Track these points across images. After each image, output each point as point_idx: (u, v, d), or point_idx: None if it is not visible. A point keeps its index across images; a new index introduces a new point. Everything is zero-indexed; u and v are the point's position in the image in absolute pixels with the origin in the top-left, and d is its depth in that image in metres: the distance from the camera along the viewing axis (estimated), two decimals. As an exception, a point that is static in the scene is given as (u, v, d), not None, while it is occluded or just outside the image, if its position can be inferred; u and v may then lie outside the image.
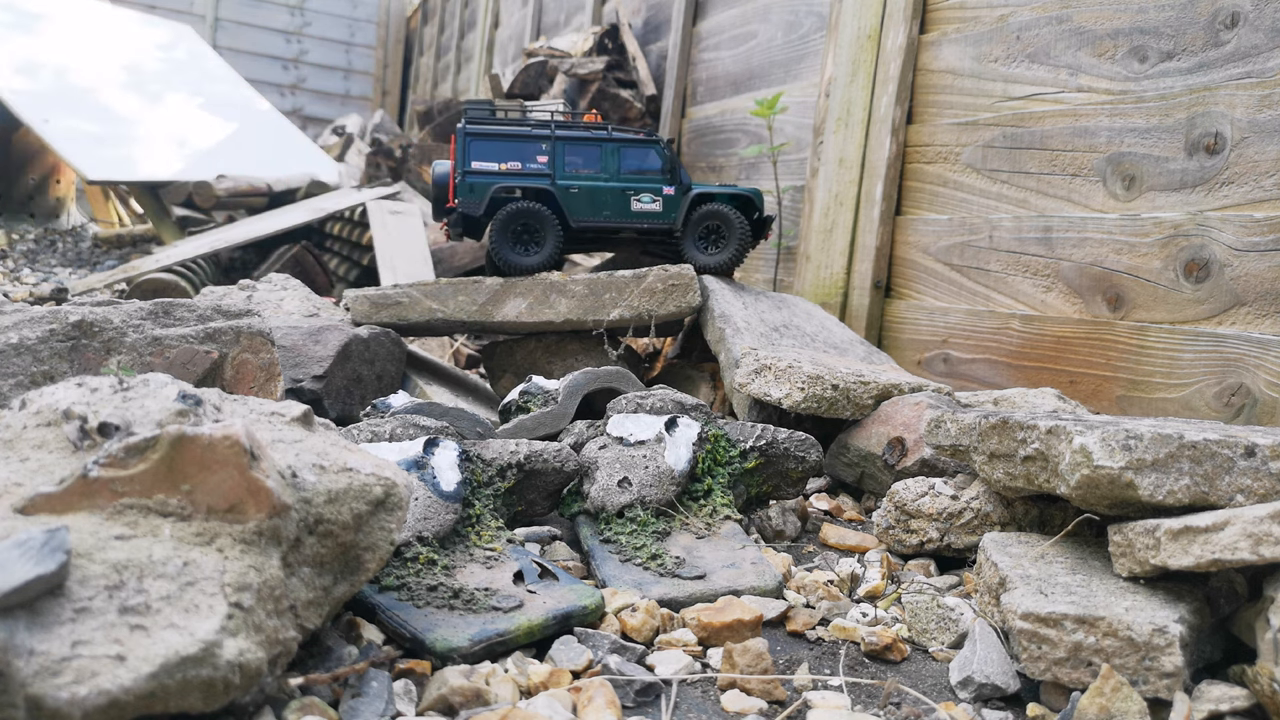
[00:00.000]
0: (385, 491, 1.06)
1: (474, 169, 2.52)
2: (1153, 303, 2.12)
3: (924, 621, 1.31)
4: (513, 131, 2.54)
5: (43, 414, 1.02)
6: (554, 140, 2.54)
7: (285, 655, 0.91)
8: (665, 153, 2.59)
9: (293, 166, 5.75)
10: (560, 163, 2.54)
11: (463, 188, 2.52)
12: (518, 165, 2.53)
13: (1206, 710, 1.02)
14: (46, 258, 4.92)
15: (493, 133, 2.53)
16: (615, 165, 2.56)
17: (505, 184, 2.51)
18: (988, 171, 2.58)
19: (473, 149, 2.53)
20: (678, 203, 2.59)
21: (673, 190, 2.59)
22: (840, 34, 3.10)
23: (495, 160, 2.53)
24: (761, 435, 1.70)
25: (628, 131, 2.60)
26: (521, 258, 2.52)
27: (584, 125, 2.59)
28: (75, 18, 6.08)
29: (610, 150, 2.55)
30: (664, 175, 2.59)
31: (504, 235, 2.51)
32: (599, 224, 2.56)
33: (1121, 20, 2.25)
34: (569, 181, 2.53)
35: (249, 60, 10.06)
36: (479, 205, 2.51)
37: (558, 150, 2.54)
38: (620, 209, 2.56)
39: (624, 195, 2.55)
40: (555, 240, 2.52)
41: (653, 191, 2.57)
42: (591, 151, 2.56)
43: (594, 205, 2.55)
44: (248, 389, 1.73)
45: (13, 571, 0.75)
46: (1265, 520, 1.04)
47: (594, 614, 1.23)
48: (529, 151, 2.54)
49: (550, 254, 2.52)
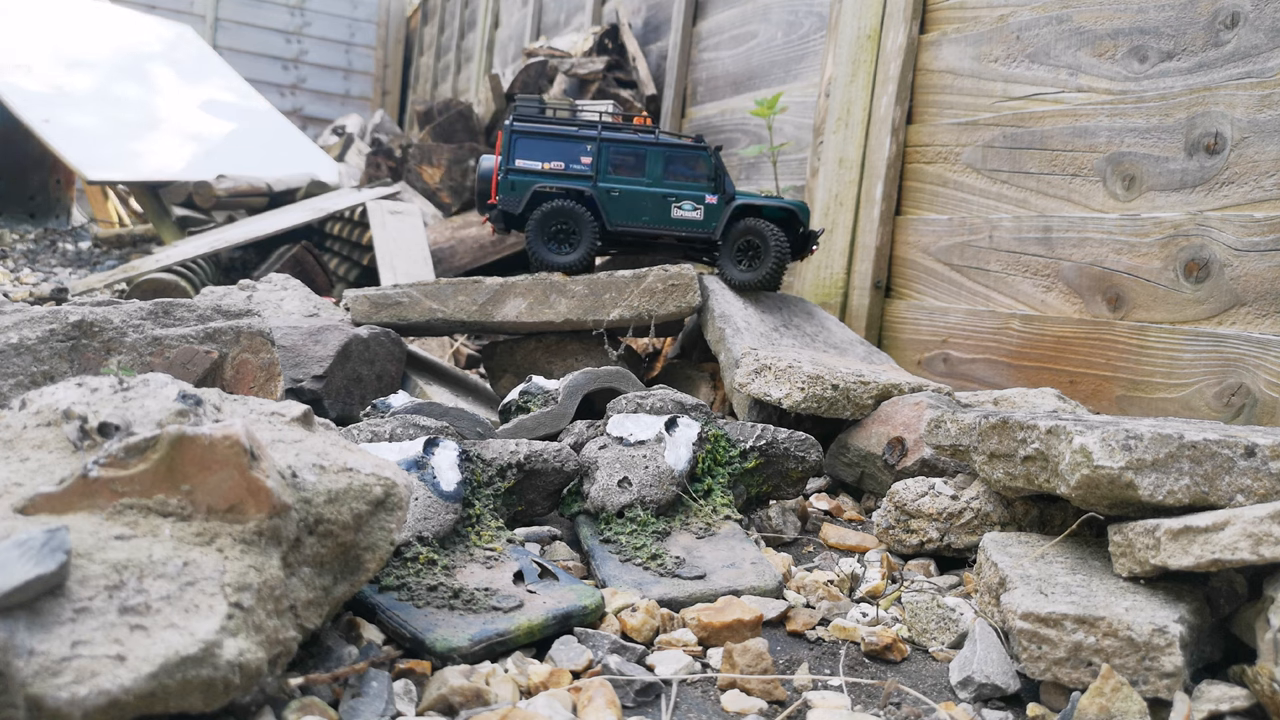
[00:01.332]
0: (385, 491, 1.06)
1: (517, 166, 2.52)
2: (1153, 303, 2.12)
3: (924, 621, 1.31)
4: (559, 131, 2.53)
5: (43, 414, 1.02)
6: (599, 141, 2.52)
7: (285, 655, 0.91)
8: (712, 160, 2.54)
9: (293, 166, 5.75)
10: (604, 165, 2.52)
11: (504, 185, 2.52)
12: (561, 165, 2.52)
13: (1206, 710, 1.02)
14: (46, 258, 4.92)
15: (539, 131, 2.52)
16: (659, 170, 2.53)
17: (545, 184, 2.50)
18: (988, 171, 2.58)
19: (518, 146, 2.52)
20: (719, 212, 2.54)
21: (715, 199, 2.54)
22: (840, 34, 3.10)
23: (539, 159, 2.52)
24: (761, 435, 1.70)
25: (676, 136, 2.57)
26: (556, 256, 2.51)
27: (632, 128, 2.57)
28: (75, 17, 6.08)
29: (656, 155, 2.52)
30: (708, 183, 2.54)
31: (540, 233, 2.51)
32: (637, 229, 2.54)
33: (1121, 20, 2.25)
34: (610, 184, 2.51)
35: (249, 60, 10.05)
36: (518, 203, 2.51)
37: (602, 152, 2.52)
38: (660, 215, 2.53)
39: (665, 201, 2.52)
40: (591, 240, 2.50)
41: (694, 199, 2.52)
42: (636, 155, 2.53)
43: (634, 210, 2.52)
44: (248, 389, 1.73)
45: (13, 571, 0.75)
46: (1265, 520, 1.04)
47: (594, 614, 1.23)
48: (574, 152, 2.52)
49: (585, 254, 2.51)
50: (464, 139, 4.77)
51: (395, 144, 5.12)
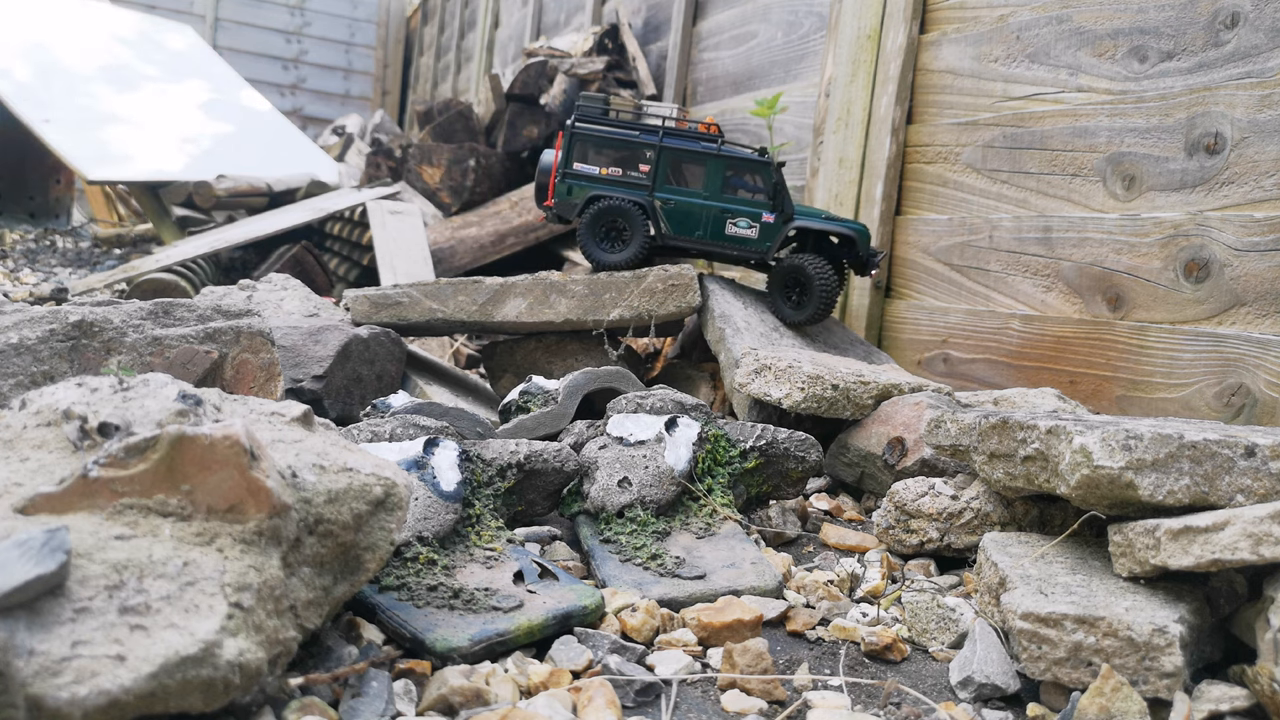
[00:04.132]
0: (385, 491, 1.06)
1: (574, 170, 2.47)
2: (1153, 303, 2.12)
3: (924, 621, 1.31)
4: (619, 136, 2.46)
5: (43, 414, 1.02)
6: (660, 149, 2.43)
7: (285, 655, 0.91)
8: (774, 176, 2.43)
9: (293, 166, 5.75)
10: (661, 174, 2.44)
11: (560, 188, 2.47)
12: (619, 172, 2.46)
13: (1206, 710, 1.02)
14: (46, 258, 4.92)
15: (599, 134, 2.46)
16: (718, 183, 2.43)
17: (600, 192, 2.45)
18: (988, 171, 2.58)
19: (577, 149, 2.47)
20: (775, 232, 2.44)
21: (773, 218, 2.43)
22: (840, 34, 3.10)
23: (597, 164, 2.47)
24: (761, 435, 1.70)
25: (739, 148, 2.47)
26: (607, 254, 2.47)
27: (695, 135, 2.47)
28: (75, 18, 6.08)
29: (715, 166, 2.43)
30: (767, 200, 2.44)
31: (593, 231, 2.46)
32: (690, 244, 2.48)
33: (1121, 20, 2.25)
34: (666, 195, 2.44)
35: (249, 60, 10.05)
36: (573, 208, 2.47)
37: (661, 160, 2.44)
38: (715, 231, 2.45)
39: (721, 217, 2.43)
40: (642, 240, 2.45)
41: (751, 217, 2.43)
42: (695, 165, 2.45)
43: (688, 223, 2.45)
44: (248, 389, 1.73)
45: (13, 571, 0.75)
46: (1265, 520, 1.04)
47: (594, 614, 1.23)
48: (633, 158, 2.46)
49: (636, 253, 2.45)
50: (464, 139, 4.77)
51: (395, 144, 5.12)
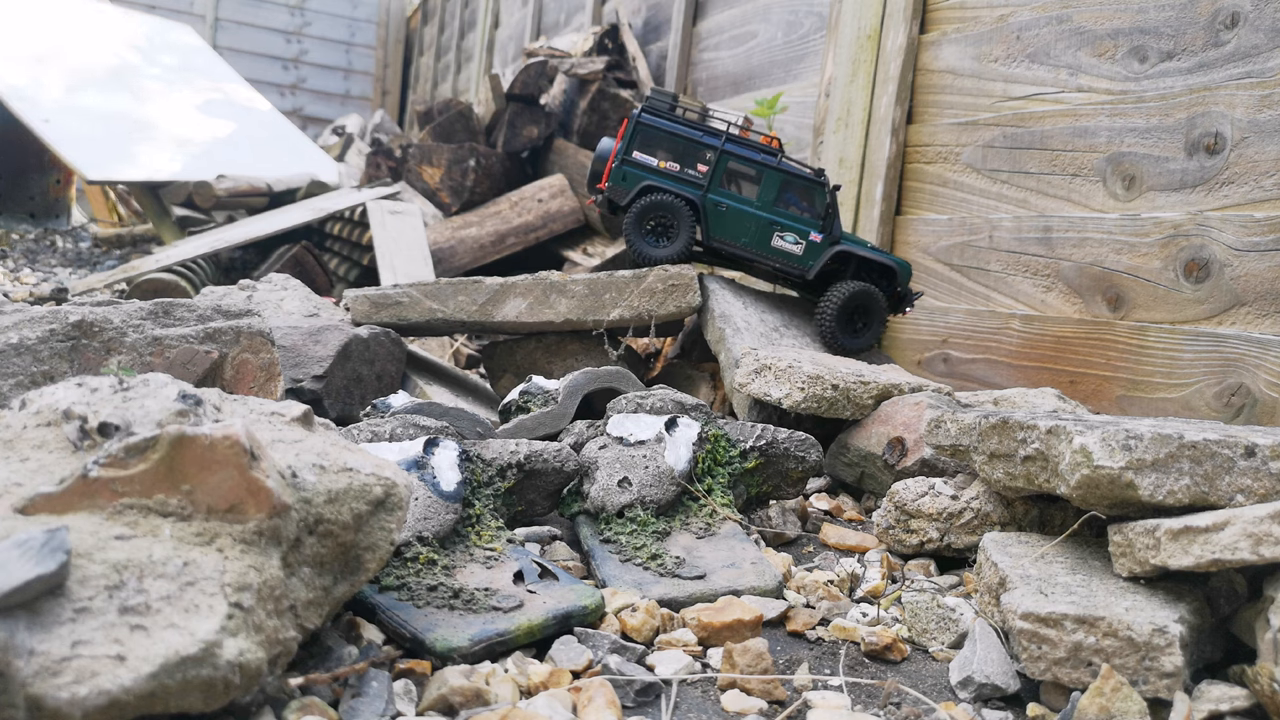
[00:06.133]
0: (385, 491, 1.06)
1: (634, 159, 2.49)
2: (1153, 303, 2.12)
3: (924, 621, 1.31)
4: (682, 132, 2.48)
5: (43, 414, 1.02)
6: (720, 152, 2.45)
7: (285, 655, 0.91)
8: (827, 198, 2.44)
9: (293, 166, 5.75)
10: (718, 176, 2.46)
11: (616, 173, 2.49)
12: (676, 167, 2.48)
13: (1206, 710, 1.02)
14: (46, 258, 4.92)
15: (663, 128, 2.48)
16: (772, 195, 2.45)
17: (655, 183, 2.47)
18: (988, 171, 2.58)
19: (639, 138, 2.49)
20: (819, 252, 2.45)
21: (820, 238, 2.44)
22: (840, 34, 3.10)
23: (657, 156, 2.49)
24: (761, 435, 1.70)
25: (796, 165, 2.48)
26: (653, 249, 2.48)
27: (758, 146, 2.49)
28: (75, 17, 6.08)
29: (772, 178, 2.44)
30: (817, 220, 2.46)
31: (639, 224, 2.48)
32: (733, 249, 2.49)
33: (1121, 20, 2.25)
34: (719, 198, 2.46)
35: (249, 60, 10.05)
36: (625, 195, 2.49)
37: (720, 163, 2.46)
38: (760, 240, 2.46)
39: (769, 228, 2.45)
40: (689, 238, 2.47)
41: (798, 233, 2.44)
42: (752, 174, 2.46)
43: (735, 229, 2.46)
44: (248, 389, 1.73)
45: (13, 571, 0.75)
46: (1265, 520, 1.04)
47: (594, 614, 1.23)
48: (692, 156, 2.48)
49: (680, 250, 2.47)
50: (464, 139, 4.77)
51: (395, 144, 5.12)
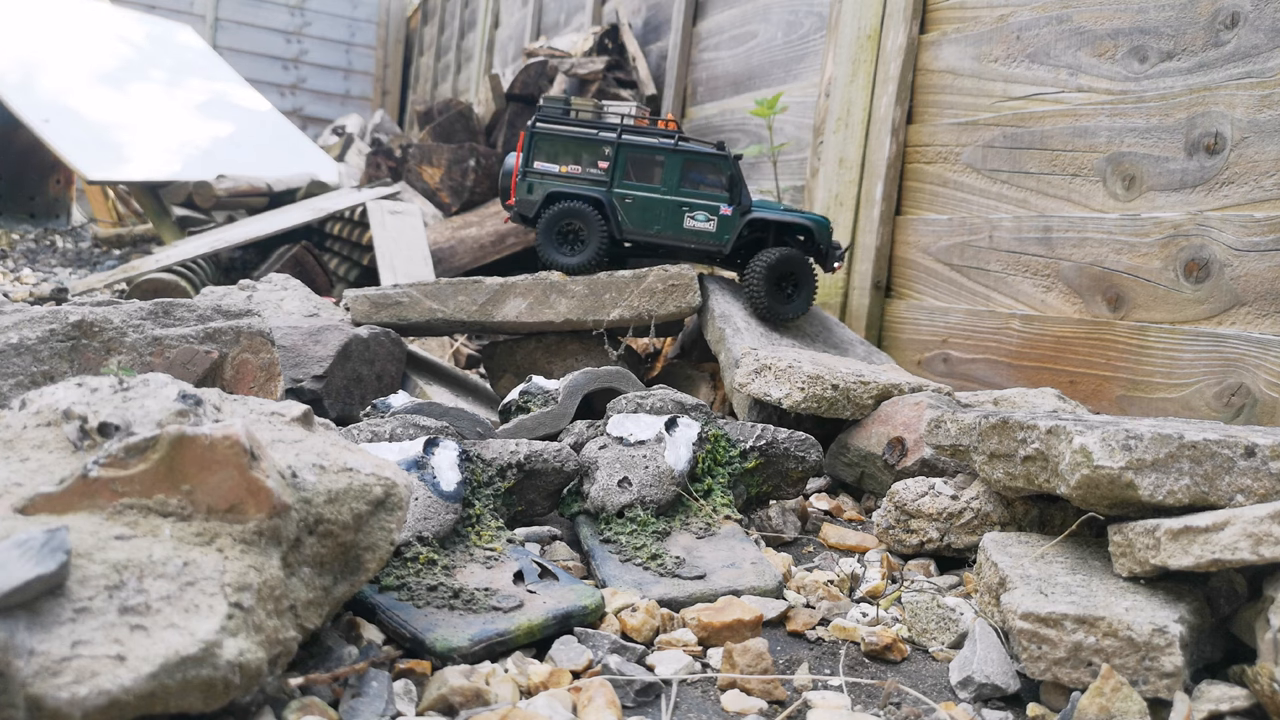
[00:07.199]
0: (385, 491, 1.06)
1: (535, 169, 2.49)
2: (1153, 303, 2.12)
3: (924, 621, 1.31)
4: (577, 134, 2.48)
5: (43, 414, 1.02)
6: (617, 146, 2.46)
7: (285, 655, 0.91)
8: (731, 169, 2.44)
9: (293, 166, 5.75)
10: (619, 170, 2.46)
11: (522, 186, 2.50)
12: (578, 169, 2.48)
13: (1206, 710, 1.02)
14: (46, 258, 4.92)
15: (559, 134, 2.48)
16: (676, 178, 2.44)
17: (560, 189, 2.47)
18: (988, 171, 2.58)
19: (537, 148, 2.49)
20: (732, 224, 2.45)
21: (730, 210, 2.44)
22: (840, 34, 3.10)
23: (557, 162, 2.49)
24: (761, 435, 1.70)
25: (696, 143, 2.48)
26: (564, 257, 2.48)
27: (654, 131, 2.49)
28: (75, 17, 6.08)
29: (674, 161, 2.44)
30: (725, 193, 2.45)
31: (549, 233, 2.48)
32: (648, 238, 2.48)
33: (1121, 20, 2.25)
34: (625, 190, 2.46)
35: (249, 60, 10.05)
36: (533, 206, 2.49)
37: (619, 156, 2.46)
38: (673, 224, 2.45)
39: (679, 210, 2.44)
40: (599, 243, 2.46)
41: (708, 210, 2.44)
42: (653, 161, 2.46)
43: (646, 218, 2.46)
44: (248, 389, 1.73)
45: (13, 571, 0.75)
46: (1265, 520, 1.04)
47: (594, 614, 1.23)
48: (592, 155, 2.48)
49: (593, 256, 2.46)
50: (464, 139, 4.77)
51: (395, 144, 5.12)
